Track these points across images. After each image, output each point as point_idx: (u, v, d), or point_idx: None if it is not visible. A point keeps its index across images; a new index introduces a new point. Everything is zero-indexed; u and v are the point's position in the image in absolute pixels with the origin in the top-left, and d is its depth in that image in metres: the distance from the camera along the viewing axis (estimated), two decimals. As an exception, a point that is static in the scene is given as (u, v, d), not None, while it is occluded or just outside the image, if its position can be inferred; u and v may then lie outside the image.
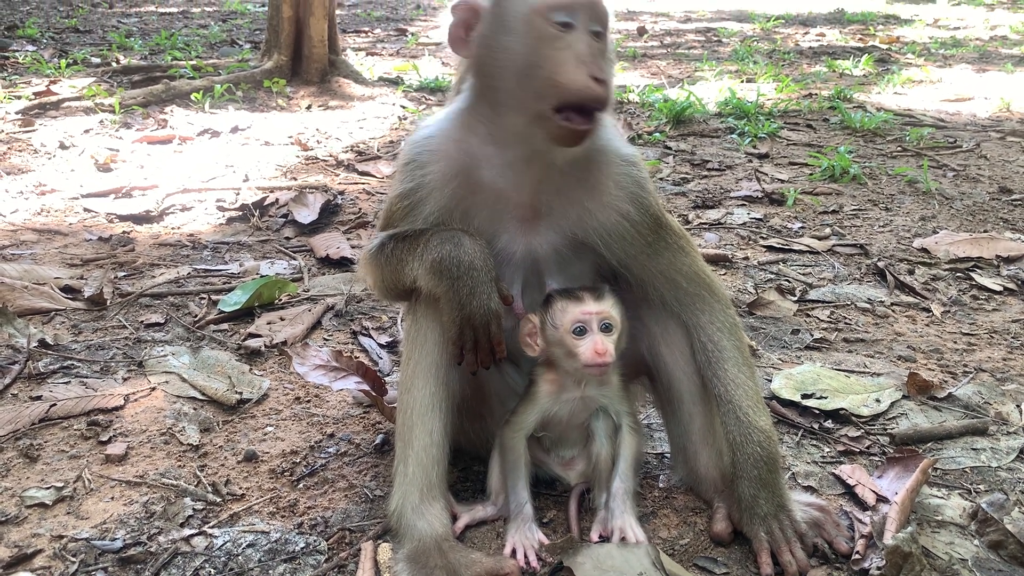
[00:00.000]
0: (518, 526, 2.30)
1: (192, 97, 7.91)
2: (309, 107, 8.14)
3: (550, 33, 2.08)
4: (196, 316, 3.78)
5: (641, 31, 14.99)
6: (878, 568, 2.15)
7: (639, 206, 2.34)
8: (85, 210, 5.17)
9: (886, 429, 2.98)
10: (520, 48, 2.11)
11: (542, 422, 2.40)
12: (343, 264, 4.45)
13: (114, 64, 9.54)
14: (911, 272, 4.45)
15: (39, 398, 3.00)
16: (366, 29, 14.23)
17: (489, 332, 2.23)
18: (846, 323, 3.87)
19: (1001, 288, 4.27)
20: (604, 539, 2.30)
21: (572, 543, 2.26)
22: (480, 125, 2.27)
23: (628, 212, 2.32)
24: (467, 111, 2.30)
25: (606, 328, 2.27)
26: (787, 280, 4.33)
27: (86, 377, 3.19)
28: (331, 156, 6.54)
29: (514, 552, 2.24)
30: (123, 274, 4.24)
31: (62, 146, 6.42)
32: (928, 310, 4.02)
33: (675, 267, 2.42)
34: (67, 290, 3.92)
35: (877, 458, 2.79)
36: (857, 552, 2.28)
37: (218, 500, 2.52)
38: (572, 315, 2.26)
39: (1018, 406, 3.11)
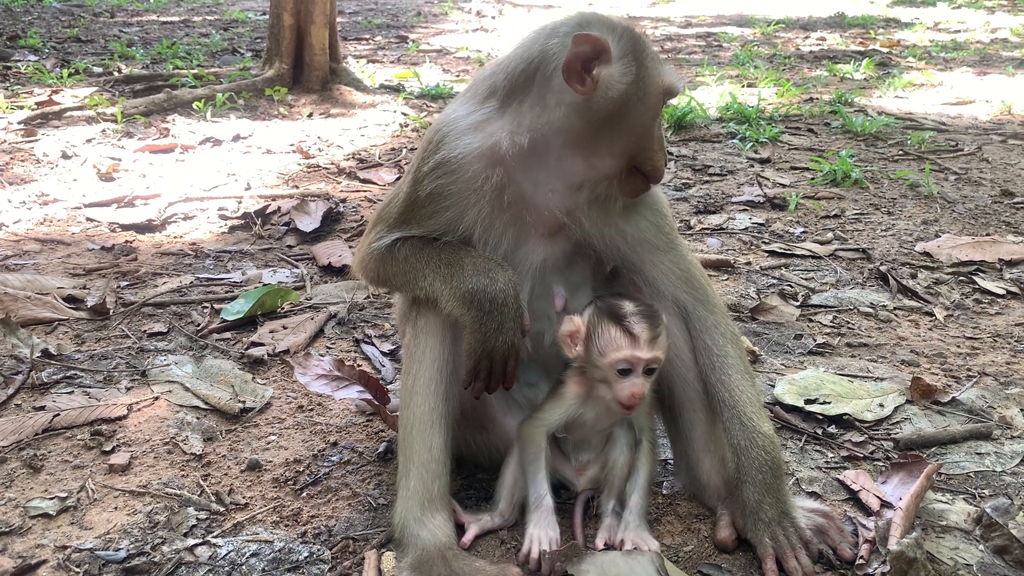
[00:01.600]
0: (538, 520, 2.29)
1: (194, 106, 7.92)
2: (310, 115, 8.16)
3: (658, 114, 2.30)
4: (199, 325, 3.78)
5: (642, 36, 14.98)
6: (882, 574, 2.15)
7: (658, 211, 2.45)
8: (88, 219, 5.18)
9: (890, 434, 2.97)
10: (644, 118, 2.25)
11: (566, 423, 2.40)
12: (345, 272, 4.45)
13: (116, 73, 9.56)
14: (914, 276, 4.45)
15: (42, 408, 3.00)
16: (367, 36, 14.26)
17: (506, 366, 2.27)
18: (849, 328, 3.87)
19: (1004, 292, 4.26)
20: (609, 547, 2.30)
21: (575, 549, 2.25)
22: (536, 147, 2.23)
23: (641, 221, 2.40)
24: (522, 129, 2.22)
25: (649, 371, 2.28)
26: (789, 285, 4.32)
27: (89, 387, 3.19)
28: (333, 164, 6.55)
29: (528, 553, 2.23)
30: (126, 283, 4.25)
31: (64, 156, 6.44)
32: (931, 314, 4.02)
33: (687, 262, 2.48)
34: (70, 300, 3.93)
35: (881, 463, 2.79)
36: (861, 558, 2.28)
37: (222, 509, 2.52)
38: (622, 355, 2.25)
39: (1022, 410, 3.11)
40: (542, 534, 2.27)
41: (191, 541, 2.37)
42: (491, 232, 2.33)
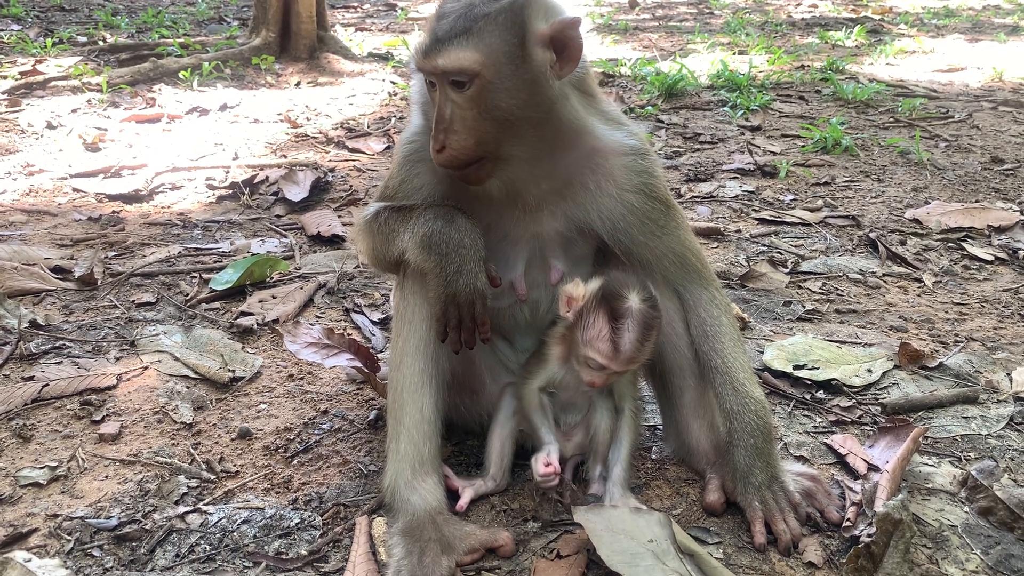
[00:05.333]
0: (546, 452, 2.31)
1: (180, 75, 7.84)
2: (298, 84, 8.08)
3: (427, 94, 2.20)
4: (187, 295, 3.77)
5: (632, 4, 14.89)
6: (869, 536, 2.17)
7: (648, 195, 2.36)
8: (74, 190, 5.14)
9: (877, 399, 2.99)
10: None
11: (553, 383, 2.41)
12: (334, 241, 4.44)
13: (101, 43, 9.44)
14: (903, 243, 4.45)
15: (31, 379, 2.99)
16: (355, 4, 14.10)
17: (473, 311, 2.23)
18: (838, 294, 3.88)
19: (992, 258, 4.28)
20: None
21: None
22: None
23: (634, 202, 2.34)
24: None
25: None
26: (779, 252, 4.33)
27: (78, 357, 3.18)
28: (321, 133, 6.50)
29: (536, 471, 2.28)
30: (113, 254, 4.22)
31: (49, 126, 6.37)
32: (920, 280, 4.03)
33: (684, 244, 2.44)
34: (57, 270, 3.91)
35: (868, 427, 2.81)
36: (848, 520, 2.30)
37: (212, 477, 2.53)
38: (598, 357, 2.23)
39: (1008, 374, 3.13)
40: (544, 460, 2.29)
41: (182, 509, 2.37)
42: (468, 206, 2.31)
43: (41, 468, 2.53)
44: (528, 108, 2.13)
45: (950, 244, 4.46)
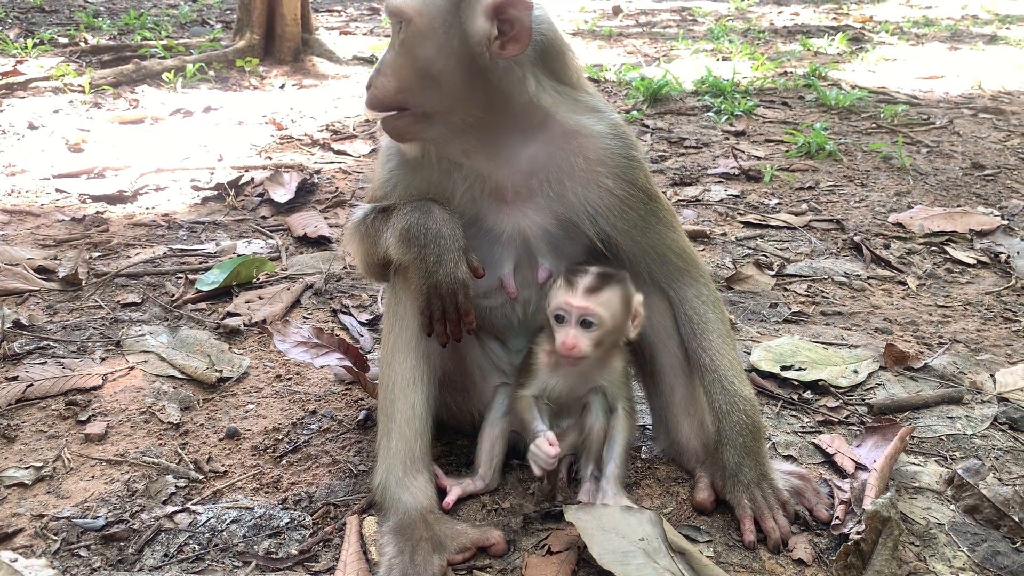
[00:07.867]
0: (538, 442, 2.29)
1: (163, 77, 7.80)
2: (283, 86, 8.06)
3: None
4: (173, 296, 3.74)
5: (616, 11, 14.97)
6: (857, 533, 2.18)
7: (626, 179, 2.30)
8: (57, 191, 5.09)
9: (864, 399, 3.01)
10: None
11: (544, 391, 2.42)
12: (321, 243, 4.42)
13: (82, 44, 9.37)
14: (887, 246, 4.49)
15: (15, 379, 2.96)
16: (339, 8, 14.08)
17: (456, 301, 2.22)
18: (823, 296, 3.91)
19: (974, 261, 4.32)
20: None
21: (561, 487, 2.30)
22: None
23: (612, 187, 2.29)
24: None
25: (585, 323, 2.27)
26: (765, 255, 4.35)
27: (63, 357, 3.15)
28: (306, 135, 6.48)
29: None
30: (98, 254, 4.18)
31: (31, 127, 6.31)
32: (904, 283, 4.07)
33: (665, 242, 2.40)
34: (41, 271, 3.87)
35: (855, 427, 2.83)
36: (837, 518, 2.31)
37: (200, 477, 2.51)
38: (556, 301, 2.28)
39: (992, 375, 3.16)
40: (538, 450, 2.27)
41: (170, 508, 2.36)
42: (450, 201, 2.31)
43: (26, 468, 2.51)
44: (454, 72, 2.13)
45: (933, 248, 4.50)
